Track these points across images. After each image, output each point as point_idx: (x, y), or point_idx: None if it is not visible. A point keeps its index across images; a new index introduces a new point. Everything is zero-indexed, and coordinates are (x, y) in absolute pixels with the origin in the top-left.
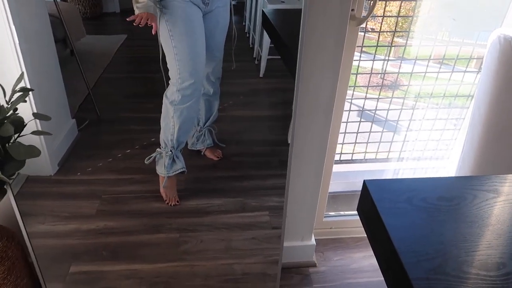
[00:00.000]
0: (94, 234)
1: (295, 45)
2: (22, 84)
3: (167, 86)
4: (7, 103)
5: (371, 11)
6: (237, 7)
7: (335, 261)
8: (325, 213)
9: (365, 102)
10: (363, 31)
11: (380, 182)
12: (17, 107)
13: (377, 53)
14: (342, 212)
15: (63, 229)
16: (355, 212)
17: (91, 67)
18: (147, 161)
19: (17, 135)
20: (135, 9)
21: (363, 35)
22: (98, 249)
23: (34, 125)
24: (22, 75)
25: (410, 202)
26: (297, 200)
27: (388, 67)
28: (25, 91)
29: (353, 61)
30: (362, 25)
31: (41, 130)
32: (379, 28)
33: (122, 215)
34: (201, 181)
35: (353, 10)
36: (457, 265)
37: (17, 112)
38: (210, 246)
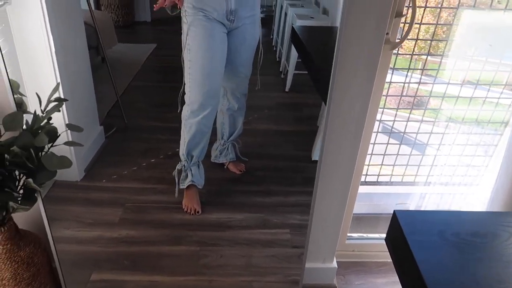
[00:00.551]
0: (116, 242)
1: (322, 61)
2: (57, 94)
3: None
4: (42, 112)
5: (406, 35)
6: (265, 20)
7: (357, 286)
8: (348, 235)
9: (395, 124)
10: (396, 53)
11: (411, 213)
12: (51, 117)
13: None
14: (365, 234)
15: (87, 235)
16: (379, 235)
17: (120, 74)
18: (173, 174)
19: (50, 145)
20: None
21: (395, 57)
22: (119, 258)
23: (64, 133)
24: (58, 85)
25: (442, 236)
26: (321, 220)
27: (421, 86)
28: (60, 101)
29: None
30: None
31: (72, 140)
32: (412, 49)
33: (144, 225)
34: (223, 195)
35: (387, 33)
36: None
37: (51, 121)
38: (230, 261)
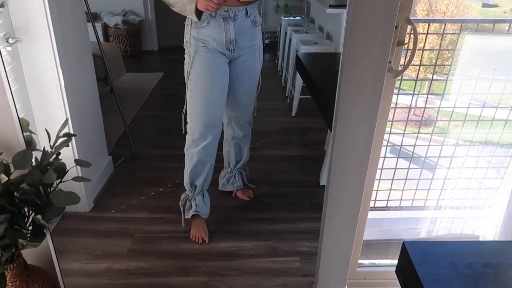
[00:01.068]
0: (125, 274)
1: (326, 87)
2: (66, 129)
3: None
4: (51, 148)
5: (408, 63)
6: (270, 46)
7: None
8: (359, 262)
9: (404, 146)
10: (400, 79)
11: (421, 244)
12: (60, 152)
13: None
14: (376, 261)
15: (95, 268)
16: (391, 261)
17: (129, 103)
18: (180, 203)
19: (58, 181)
20: (192, 6)
21: (400, 81)
22: None
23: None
24: (66, 121)
25: (453, 268)
26: (331, 248)
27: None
28: (69, 136)
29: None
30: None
31: (80, 176)
32: (417, 72)
33: (153, 255)
34: (232, 222)
35: (390, 62)
36: None
37: (60, 156)
38: None
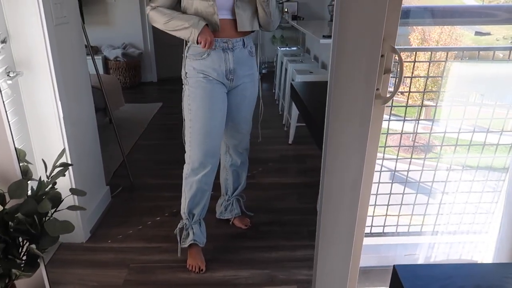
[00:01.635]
0: None
1: (319, 115)
2: (63, 158)
3: None
4: (48, 177)
5: (395, 90)
6: (267, 75)
7: None
8: None
9: (397, 171)
10: (390, 105)
11: (411, 268)
12: (56, 181)
13: (409, 117)
14: None
15: None
16: None
17: (127, 133)
18: (175, 232)
19: (53, 211)
20: (195, 35)
21: (390, 108)
22: None
23: (71, 196)
24: (63, 151)
25: None
26: (326, 276)
27: (420, 131)
28: (65, 166)
29: (382, 133)
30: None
31: (76, 204)
32: (407, 99)
33: (149, 286)
34: (229, 251)
35: (378, 89)
36: None
37: (56, 186)
38: None
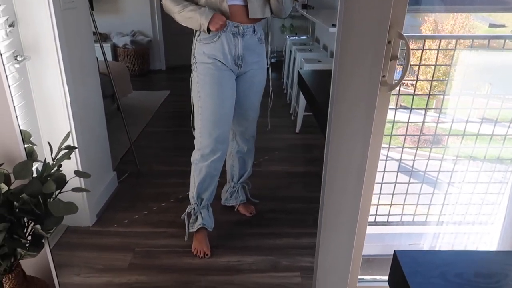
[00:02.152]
0: None
1: (327, 105)
2: (69, 142)
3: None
4: (53, 159)
5: (402, 77)
6: (276, 65)
7: None
8: (359, 277)
9: (404, 161)
10: (397, 92)
11: (412, 253)
12: (62, 164)
13: (417, 108)
14: (377, 277)
15: (96, 281)
16: None
17: (135, 121)
18: (182, 217)
19: (58, 192)
20: (204, 25)
21: (397, 97)
22: None
23: (76, 178)
24: (68, 133)
25: (444, 277)
26: (329, 263)
27: (428, 122)
28: (70, 149)
29: (388, 121)
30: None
31: (81, 186)
32: (414, 87)
33: (153, 269)
34: (233, 237)
35: (384, 76)
36: None
37: (61, 168)
38: None
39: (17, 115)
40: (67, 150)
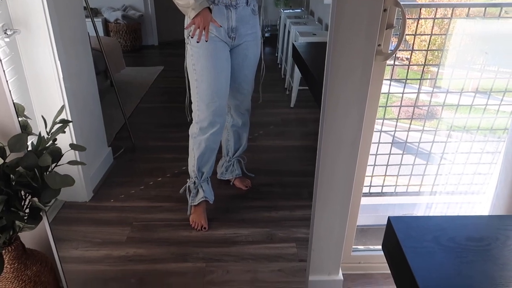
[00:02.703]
0: (123, 261)
1: (321, 76)
2: (63, 116)
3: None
4: (48, 134)
5: (397, 47)
6: (270, 39)
7: None
8: (354, 247)
9: (397, 133)
10: (392, 63)
11: (405, 219)
12: (57, 138)
13: (411, 83)
14: (371, 246)
15: (95, 255)
16: None
17: (128, 97)
18: (181, 192)
19: (54, 165)
20: (190, 13)
21: (392, 68)
22: (126, 276)
23: (72, 153)
24: (62, 107)
25: (437, 241)
26: (324, 233)
27: (422, 96)
28: (65, 123)
29: (383, 93)
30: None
31: (77, 160)
32: (409, 59)
33: (151, 243)
34: (229, 211)
35: (379, 45)
36: None
37: (56, 142)
38: (236, 277)
39: (9, 87)
40: (61, 124)
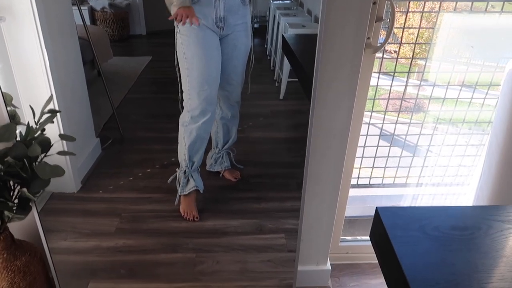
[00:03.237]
0: (113, 251)
1: (312, 69)
2: (51, 106)
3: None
4: (36, 124)
5: (386, 40)
6: (259, 30)
7: (351, 287)
8: (341, 237)
9: (385, 125)
10: (381, 56)
11: (392, 209)
12: (45, 128)
13: (399, 76)
14: (359, 237)
15: (84, 245)
16: None
17: (116, 87)
18: (169, 181)
19: (43, 155)
20: (172, 9)
21: (381, 61)
22: (116, 267)
23: (60, 144)
24: (50, 97)
25: (422, 230)
26: (312, 223)
27: (409, 89)
28: (53, 112)
29: (372, 85)
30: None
31: (66, 150)
32: (397, 52)
33: (140, 234)
34: (219, 202)
35: (369, 38)
36: None
37: (44, 132)
38: (225, 267)
39: None
40: (50, 114)
